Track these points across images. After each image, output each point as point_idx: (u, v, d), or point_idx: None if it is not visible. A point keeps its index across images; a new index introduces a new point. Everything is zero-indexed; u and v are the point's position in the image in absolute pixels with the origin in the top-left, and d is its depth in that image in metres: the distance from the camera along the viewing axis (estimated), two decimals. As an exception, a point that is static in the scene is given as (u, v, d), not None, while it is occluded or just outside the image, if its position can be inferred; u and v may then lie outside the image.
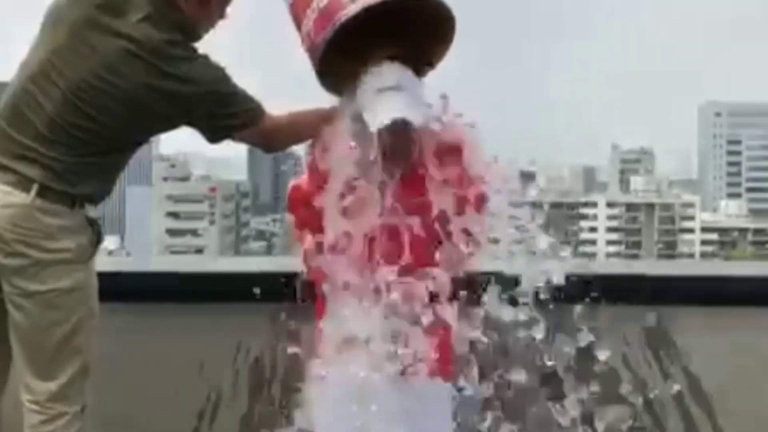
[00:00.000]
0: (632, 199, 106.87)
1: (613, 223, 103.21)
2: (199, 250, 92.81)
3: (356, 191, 2.61)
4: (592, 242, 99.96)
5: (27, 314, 2.60)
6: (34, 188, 2.55)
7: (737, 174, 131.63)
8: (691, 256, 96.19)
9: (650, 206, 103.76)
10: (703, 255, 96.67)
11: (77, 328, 2.63)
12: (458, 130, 2.68)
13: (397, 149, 2.60)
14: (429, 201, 2.66)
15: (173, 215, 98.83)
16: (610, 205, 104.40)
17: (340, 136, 2.65)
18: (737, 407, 3.40)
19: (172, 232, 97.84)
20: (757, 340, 3.42)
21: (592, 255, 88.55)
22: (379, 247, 2.63)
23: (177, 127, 2.71)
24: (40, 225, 2.56)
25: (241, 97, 2.68)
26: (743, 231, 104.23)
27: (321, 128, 2.72)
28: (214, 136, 2.73)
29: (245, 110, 2.68)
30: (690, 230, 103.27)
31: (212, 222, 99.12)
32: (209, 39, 2.78)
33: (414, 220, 2.66)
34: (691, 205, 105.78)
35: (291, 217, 2.78)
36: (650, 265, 3.90)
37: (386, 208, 2.64)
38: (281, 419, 3.04)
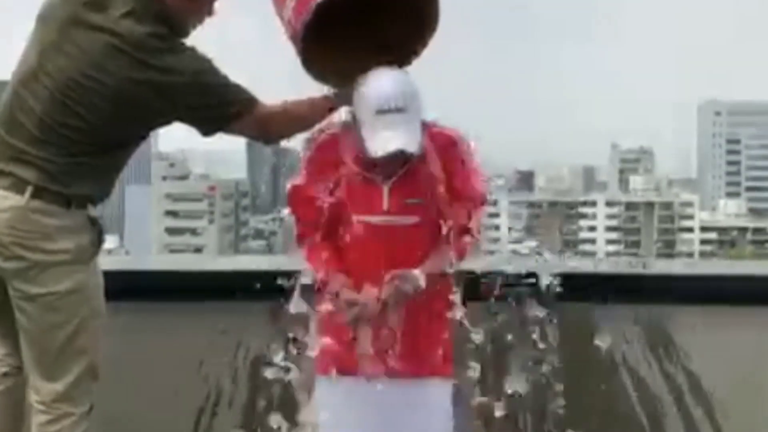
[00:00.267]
0: (631, 199, 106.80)
1: (613, 222, 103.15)
2: (199, 249, 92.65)
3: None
4: (592, 241, 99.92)
5: (29, 317, 2.61)
6: (29, 190, 2.55)
7: (736, 173, 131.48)
8: (690, 255, 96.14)
9: (649, 205, 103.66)
10: (702, 254, 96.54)
11: (80, 329, 2.63)
12: (450, 129, 2.69)
13: (395, 162, 2.60)
14: (427, 200, 2.65)
15: (172, 214, 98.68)
16: (609, 204, 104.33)
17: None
18: (737, 407, 3.40)
19: (171, 230, 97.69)
20: (757, 339, 3.42)
21: (592, 254, 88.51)
22: (378, 247, 2.63)
23: (169, 122, 2.69)
24: (37, 226, 2.56)
25: (231, 88, 2.66)
26: (742, 230, 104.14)
27: (317, 117, 2.71)
28: (207, 128, 2.71)
29: (237, 100, 2.65)
30: (689, 229, 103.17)
31: (211, 221, 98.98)
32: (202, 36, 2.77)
33: (412, 219, 2.65)
34: (690, 204, 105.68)
35: (291, 216, 2.78)
36: (649, 264, 3.89)
37: (385, 208, 2.64)
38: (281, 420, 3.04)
